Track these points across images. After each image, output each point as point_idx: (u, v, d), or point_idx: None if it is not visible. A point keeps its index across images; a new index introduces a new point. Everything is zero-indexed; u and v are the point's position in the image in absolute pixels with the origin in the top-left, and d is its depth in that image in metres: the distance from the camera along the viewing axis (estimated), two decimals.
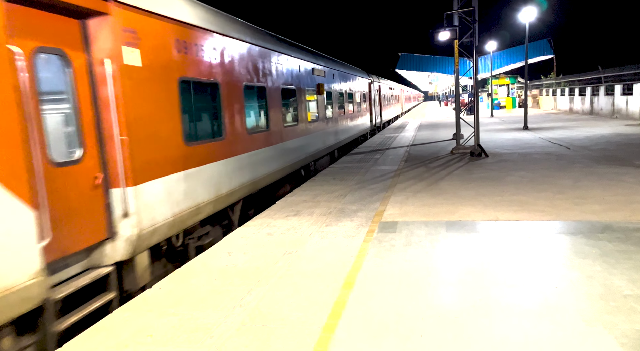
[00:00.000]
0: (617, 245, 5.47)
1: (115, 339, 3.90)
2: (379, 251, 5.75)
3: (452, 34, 14.99)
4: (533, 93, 49.66)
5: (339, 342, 3.66)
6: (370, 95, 27.44)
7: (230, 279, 5.11)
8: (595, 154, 12.92)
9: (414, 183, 10.22)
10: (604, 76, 31.47)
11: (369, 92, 26.95)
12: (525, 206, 7.62)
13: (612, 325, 3.66)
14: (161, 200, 5.54)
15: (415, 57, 55.02)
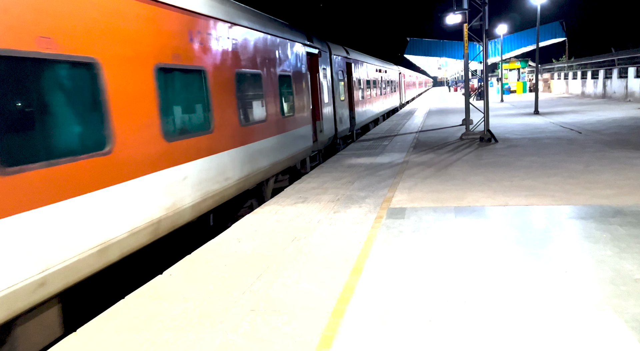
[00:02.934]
0: (629, 229, 5.41)
1: (127, 325, 3.96)
2: (388, 238, 5.75)
3: (461, 18, 14.76)
4: (544, 77, 48.89)
5: (347, 327, 3.69)
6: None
7: (240, 266, 5.16)
8: (607, 138, 12.73)
9: (422, 169, 10.17)
10: (617, 58, 30.85)
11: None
12: (536, 191, 7.55)
13: (622, 309, 3.63)
14: None
15: (424, 42, 54.38)
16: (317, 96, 12.62)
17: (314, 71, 12.55)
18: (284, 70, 9.93)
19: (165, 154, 5.55)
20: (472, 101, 29.45)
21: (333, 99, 14.31)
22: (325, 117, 13.24)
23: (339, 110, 15.05)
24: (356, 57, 18.98)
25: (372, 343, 3.44)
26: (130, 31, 4.99)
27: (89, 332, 3.87)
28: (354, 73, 18.09)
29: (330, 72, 14.24)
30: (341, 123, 15.34)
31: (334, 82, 14.54)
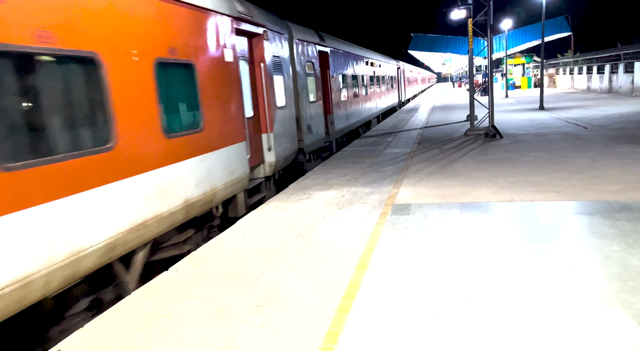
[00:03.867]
0: (636, 225, 5.38)
1: (134, 321, 3.98)
2: (393, 234, 5.74)
3: (466, 13, 14.67)
4: (549, 72, 48.59)
5: (353, 322, 3.69)
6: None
7: (245, 262, 5.16)
8: (613, 134, 12.64)
9: (427, 165, 10.14)
10: (623, 52, 30.61)
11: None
12: (541, 186, 7.51)
13: (630, 304, 3.61)
14: None
15: (428, 37, 54.16)
16: (262, 97, 8.42)
17: (255, 60, 8.40)
18: (172, 53, 5.61)
19: None
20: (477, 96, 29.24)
21: (297, 101, 10.60)
22: (279, 128, 9.02)
23: (306, 115, 11.07)
24: (336, 46, 14.75)
25: (378, 339, 3.43)
26: None
27: (97, 328, 3.89)
28: (332, 66, 14.05)
29: (291, 64, 10.32)
30: (310, 133, 11.18)
31: (298, 77, 10.70)
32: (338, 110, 14.70)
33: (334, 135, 14.07)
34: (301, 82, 10.93)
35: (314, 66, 12.12)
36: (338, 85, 14.86)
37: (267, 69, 8.66)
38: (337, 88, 14.64)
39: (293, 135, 10.16)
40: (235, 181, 7.14)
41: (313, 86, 11.98)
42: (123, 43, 4.83)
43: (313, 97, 11.89)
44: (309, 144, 11.32)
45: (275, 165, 8.96)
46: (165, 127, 5.46)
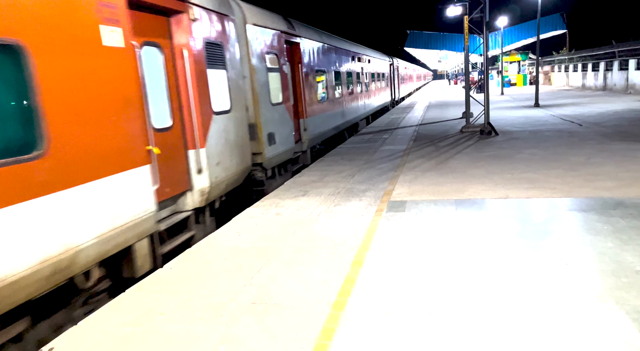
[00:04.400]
0: (630, 221, 5.40)
1: (127, 318, 3.96)
2: (388, 230, 5.74)
3: (462, 10, 14.67)
4: (544, 70, 48.72)
5: (349, 319, 3.69)
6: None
7: (240, 259, 5.15)
8: (608, 131, 12.69)
9: (423, 162, 10.15)
10: (617, 50, 30.72)
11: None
12: (537, 183, 7.54)
13: (624, 300, 3.63)
14: None
15: (424, 34, 54.12)
16: (186, 99, 6.18)
17: (175, 47, 6.10)
18: None
19: None
20: (473, 93, 29.28)
21: (254, 103, 8.45)
22: (218, 141, 6.79)
23: (267, 121, 8.86)
24: (311, 37, 12.34)
25: (373, 336, 3.43)
26: None
27: (91, 325, 3.87)
28: (306, 60, 11.71)
29: (246, 56, 8.24)
30: (273, 143, 9.03)
31: (255, 73, 8.46)
32: (314, 113, 12.30)
33: (309, 143, 11.61)
34: (260, 79, 8.58)
35: (278, 59, 9.65)
36: (314, 83, 12.42)
37: (197, 61, 6.27)
38: (312, 87, 12.26)
39: (243, 148, 7.68)
40: (126, 228, 4.79)
41: (278, 84, 9.59)
42: None
43: (278, 98, 9.52)
44: (271, 158, 8.97)
45: (211, 192, 6.53)
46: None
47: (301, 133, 11.30)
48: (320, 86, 13.25)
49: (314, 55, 12.64)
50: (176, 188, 6.07)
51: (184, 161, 6.21)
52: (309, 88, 11.89)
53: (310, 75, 12.16)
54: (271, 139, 8.99)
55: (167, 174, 5.72)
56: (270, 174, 9.18)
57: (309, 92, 11.88)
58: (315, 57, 12.71)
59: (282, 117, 9.76)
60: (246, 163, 7.86)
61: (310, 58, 12.18)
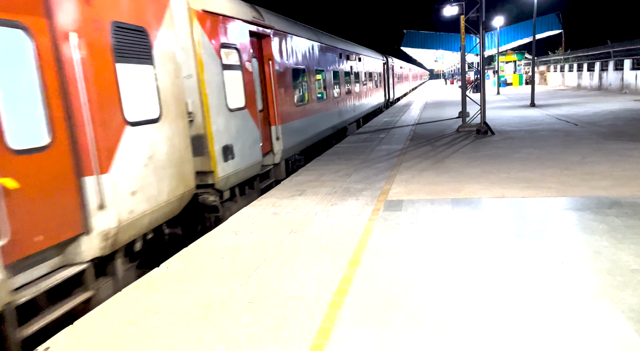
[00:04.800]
0: (625, 220, 5.43)
1: (123, 317, 3.95)
2: (385, 230, 5.75)
3: (458, 9, 14.70)
4: (540, 69, 48.90)
5: (345, 318, 3.69)
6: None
7: (237, 258, 5.14)
8: (603, 130, 12.75)
9: (419, 161, 10.17)
10: (613, 50, 30.86)
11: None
12: (532, 183, 7.56)
13: (619, 299, 3.65)
14: None
15: (420, 34, 54.17)
16: (80, 104, 4.49)
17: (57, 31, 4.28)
18: None
19: None
20: (469, 93, 29.31)
21: (203, 109, 6.74)
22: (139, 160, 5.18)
23: (223, 130, 7.17)
24: (285, 29, 10.43)
25: (369, 335, 3.44)
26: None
27: (87, 324, 3.86)
28: (278, 57, 9.90)
29: (191, 48, 6.62)
30: (230, 158, 7.28)
31: (205, 70, 6.78)
32: (291, 118, 10.50)
33: (283, 154, 9.91)
34: (212, 78, 6.91)
35: (240, 55, 7.87)
36: (290, 84, 10.62)
37: (96, 51, 4.66)
38: (288, 88, 10.45)
39: (181, 167, 5.96)
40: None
41: (239, 85, 7.82)
42: None
43: (238, 102, 7.73)
44: (228, 176, 7.21)
45: (121, 233, 4.86)
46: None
47: (273, 143, 9.57)
48: (299, 87, 11.44)
49: (291, 52, 10.82)
50: (58, 233, 4.29)
51: (73, 194, 4.42)
52: (284, 90, 10.16)
53: (286, 74, 10.34)
54: (227, 153, 7.19)
55: (37, 215, 4.04)
56: (228, 195, 7.43)
57: (284, 94, 10.14)
58: (292, 53, 10.88)
59: (245, 126, 7.91)
60: (186, 187, 6.08)
61: (285, 55, 10.39)
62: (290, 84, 10.60)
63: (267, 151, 9.33)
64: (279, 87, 9.84)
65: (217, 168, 6.93)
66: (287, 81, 10.39)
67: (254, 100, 8.36)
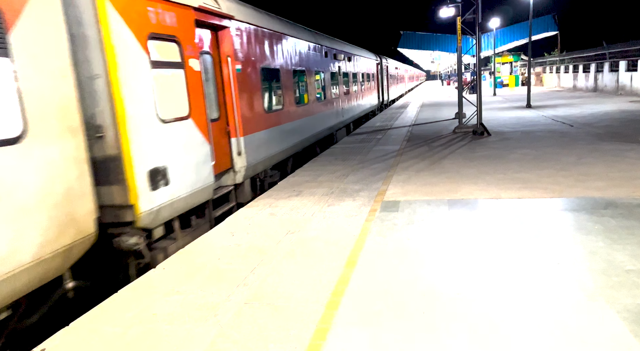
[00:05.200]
0: (620, 221, 5.46)
1: (120, 318, 3.94)
2: (382, 230, 5.75)
3: (455, 11, 14.74)
4: (536, 71, 49.09)
5: (342, 319, 3.69)
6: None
7: (234, 259, 5.14)
8: (598, 131, 12.81)
9: (416, 162, 10.18)
10: (608, 52, 31.02)
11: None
12: (528, 183, 7.59)
13: (614, 299, 3.67)
14: None
15: (417, 35, 54.25)
16: None
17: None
18: None
19: None
20: (465, 94, 29.32)
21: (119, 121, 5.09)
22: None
23: (150, 147, 5.49)
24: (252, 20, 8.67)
25: (366, 336, 3.44)
26: None
27: (82, 326, 3.84)
28: (242, 54, 8.18)
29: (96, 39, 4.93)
30: (162, 183, 5.64)
31: (120, 69, 5.08)
32: (258, 128, 8.74)
33: (248, 171, 8.18)
34: (132, 79, 5.24)
35: (182, 49, 6.16)
36: (258, 87, 8.78)
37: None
38: (255, 92, 8.63)
39: (60, 209, 4.26)
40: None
41: (181, 87, 6.15)
42: None
43: (177, 110, 6.04)
44: (159, 210, 5.54)
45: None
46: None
47: (233, 159, 7.86)
48: (271, 91, 9.76)
49: (260, 48, 9.07)
50: None
51: None
52: (249, 94, 8.38)
53: (252, 75, 8.58)
54: (158, 178, 5.49)
55: None
56: (161, 232, 5.80)
57: (249, 99, 8.37)
58: (261, 50, 9.12)
59: (188, 140, 6.19)
60: (77, 234, 4.46)
61: (252, 51, 8.61)
62: (258, 86, 8.80)
63: (225, 168, 7.69)
64: (243, 90, 8.10)
65: (139, 200, 5.18)
66: (253, 83, 8.60)
67: (202, 107, 6.58)
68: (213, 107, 7.46)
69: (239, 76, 8.03)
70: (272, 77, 9.87)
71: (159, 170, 5.55)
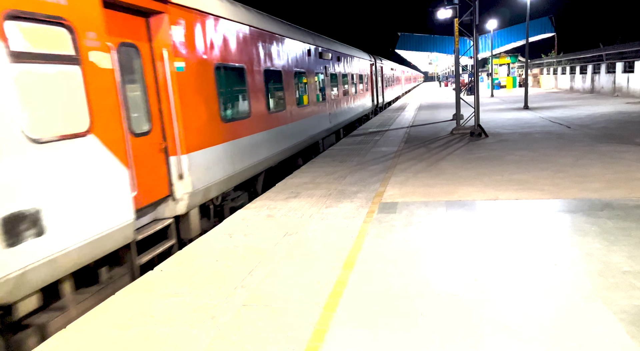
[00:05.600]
0: (617, 222, 5.48)
1: (118, 320, 3.93)
2: (379, 232, 5.76)
3: (452, 12, 14.78)
4: (534, 72, 49.25)
5: (340, 320, 3.70)
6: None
7: (232, 261, 5.14)
8: (595, 133, 12.86)
9: (414, 163, 10.20)
10: (605, 53, 31.14)
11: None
12: (526, 185, 7.61)
13: (611, 300, 3.68)
14: None
15: (414, 36, 54.35)
16: None
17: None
18: None
19: None
20: (463, 95, 29.35)
21: None
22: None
23: (4, 182, 3.64)
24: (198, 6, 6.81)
25: (364, 337, 3.44)
26: None
27: (80, 328, 3.84)
28: (183, 47, 6.39)
29: None
30: (34, 232, 3.86)
31: None
32: (211, 141, 6.97)
33: (195, 198, 6.42)
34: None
35: (75, 40, 4.48)
36: (209, 91, 7.01)
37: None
38: (205, 97, 6.85)
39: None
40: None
41: (76, 90, 4.47)
42: None
43: (67, 124, 4.35)
44: (32, 270, 3.87)
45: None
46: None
47: (173, 184, 6.10)
48: (231, 95, 7.95)
49: (217, 41, 7.33)
50: None
51: None
52: (198, 99, 6.65)
53: (203, 75, 6.83)
54: (21, 227, 3.80)
55: None
56: (34, 305, 4.02)
57: (198, 105, 6.63)
58: (218, 44, 7.38)
59: (85, 164, 4.51)
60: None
61: (204, 44, 6.90)
62: (211, 90, 7.05)
63: (160, 197, 5.93)
64: (187, 94, 6.37)
65: None
66: (204, 86, 6.85)
67: (116, 117, 4.95)
68: (141, 117, 5.69)
69: (182, 76, 6.28)
70: (234, 78, 8.09)
71: (23, 216, 3.82)
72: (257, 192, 9.08)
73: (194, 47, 6.70)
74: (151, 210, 5.97)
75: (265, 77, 9.38)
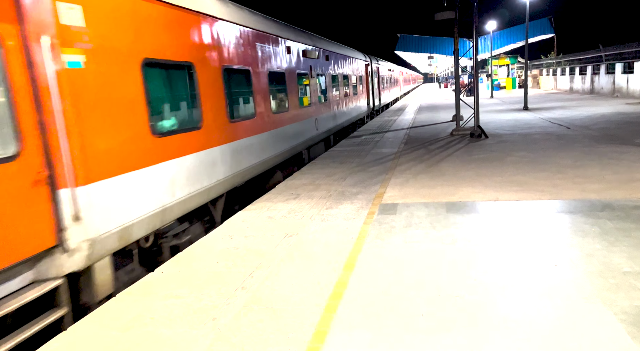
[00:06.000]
0: (617, 223, 5.48)
1: (118, 321, 3.93)
2: (380, 233, 5.76)
3: (452, 14, 14.80)
4: (533, 73, 49.30)
5: (340, 321, 3.70)
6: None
7: (232, 262, 5.14)
8: (595, 134, 12.87)
9: (414, 165, 10.21)
10: (604, 54, 31.17)
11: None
12: (526, 186, 7.62)
13: (611, 301, 3.68)
14: None
15: (414, 38, 54.42)
16: None
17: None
18: None
19: None
20: (462, 97, 29.36)
21: None
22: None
23: None
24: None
25: (365, 339, 3.44)
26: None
27: (80, 330, 3.84)
28: (85, 30, 4.44)
29: None
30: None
31: None
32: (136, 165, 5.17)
33: (102, 245, 4.60)
34: None
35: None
36: (128, 94, 5.10)
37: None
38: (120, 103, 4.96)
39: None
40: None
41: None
42: None
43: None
44: None
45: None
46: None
47: (63, 228, 4.28)
48: (170, 99, 6.19)
49: (145, 28, 5.48)
50: None
51: None
52: (112, 103, 4.84)
53: (117, 74, 4.94)
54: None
55: None
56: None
57: (111, 112, 4.83)
58: (148, 32, 5.54)
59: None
60: None
61: (119, 31, 5.00)
62: (137, 92, 5.24)
63: (41, 250, 4.14)
64: (91, 99, 4.55)
65: None
66: (126, 87, 5.08)
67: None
68: (3, 133, 3.87)
69: (80, 74, 4.42)
70: (175, 77, 6.34)
71: None
72: (214, 221, 7.28)
73: (104, 32, 4.74)
74: (25, 269, 4.13)
75: (224, 77, 7.38)
